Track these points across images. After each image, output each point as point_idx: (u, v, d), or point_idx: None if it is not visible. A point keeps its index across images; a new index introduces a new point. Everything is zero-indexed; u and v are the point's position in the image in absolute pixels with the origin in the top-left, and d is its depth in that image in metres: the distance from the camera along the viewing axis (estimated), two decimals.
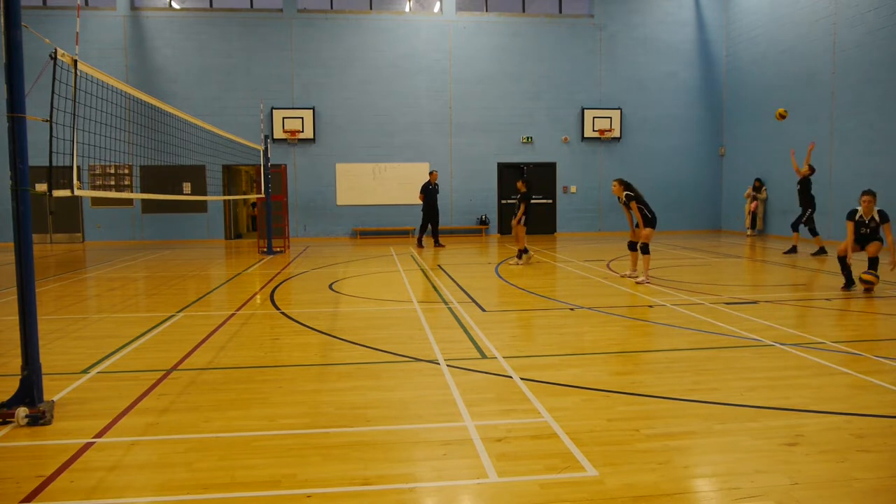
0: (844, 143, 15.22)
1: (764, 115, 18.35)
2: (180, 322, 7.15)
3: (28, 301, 4.10)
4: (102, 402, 4.39)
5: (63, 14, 18.20)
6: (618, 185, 10.07)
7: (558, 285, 9.82)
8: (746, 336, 6.07)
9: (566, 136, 20.07)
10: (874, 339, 6.01)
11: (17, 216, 4.06)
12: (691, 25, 20.34)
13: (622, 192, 9.97)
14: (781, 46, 17.42)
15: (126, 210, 18.92)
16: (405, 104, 19.50)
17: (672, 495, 2.99)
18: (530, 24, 19.83)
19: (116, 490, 3.11)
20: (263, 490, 3.08)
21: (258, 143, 16.47)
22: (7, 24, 3.95)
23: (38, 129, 9.27)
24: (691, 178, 20.62)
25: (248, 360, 5.49)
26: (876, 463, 3.31)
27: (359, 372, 5.08)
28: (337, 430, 3.85)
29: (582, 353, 5.57)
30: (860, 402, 4.22)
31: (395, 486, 3.11)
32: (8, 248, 16.47)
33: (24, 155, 4.06)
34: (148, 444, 3.66)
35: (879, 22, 14.14)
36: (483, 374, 4.94)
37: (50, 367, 5.07)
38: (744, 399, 4.30)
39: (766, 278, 10.40)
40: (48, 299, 8.81)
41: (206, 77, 18.84)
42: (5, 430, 3.88)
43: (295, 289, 9.64)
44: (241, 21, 18.91)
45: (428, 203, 16.63)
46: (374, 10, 19.54)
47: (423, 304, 8.07)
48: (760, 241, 16.99)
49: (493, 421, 3.93)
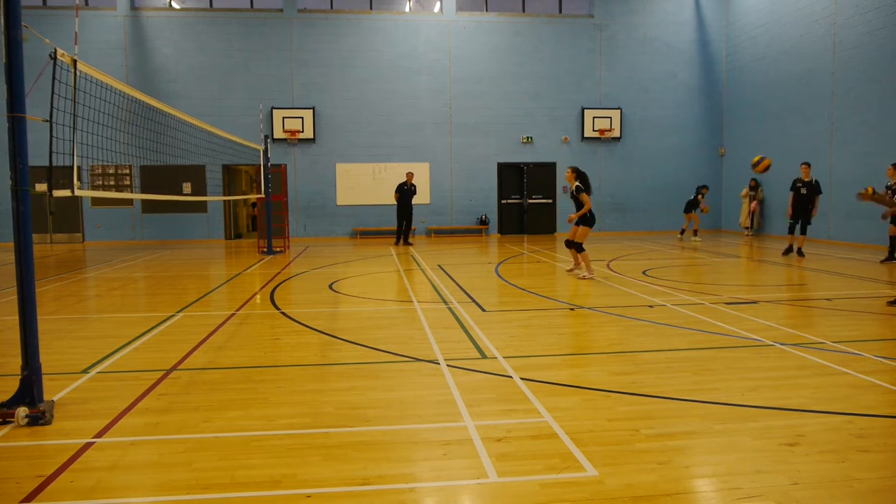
0: (844, 143, 15.21)
1: (764, 115, 18.36)
2: (180, 322, 7.15)
3: (28, 301, 4.10)
4: (102, 402, 4.39)
5: (63, 14, 18.20)
6: (571, 173, 9.93)
7: (558, 285, 9.82)
8: (746, 336, 6.07)
9: (566, 136, 20.07)
10: (874, 339, 6.01)
11: (17, 216, 4.06)
12: (691, 25, 20.34)
13: (574, 182, 9.86)
14: (781, 46, 17.42)
15: (126, 210, 18.92)
16: (405, 104, 19.50)
17: (672, 495, 2.99)
18: (530, 24, 19.83)
19: (116, 490, 3.11)
20: (263, 490, 3.08)
21: (258, 143, 16.46)
22: (7, 24, 3.95)
23: (38, 129, 9.27)
24: (691, 178, 20.61)
25: (247, 360, 5.49)
26: (876, 463, 3.31)
27: (359, 372, 5.08)
28: (337, 430, 3.85)
29: (582, 353, 5.57)
30: (860, 402, 4.22)
31: (395, 486, 3.11)
32: (8, 248, 16.47)
33: (24, 155, 4.06)
34: (148, 444, 3.66)
35: (879, 22, 14.13)
36: (483, 374, 4.93)
37: (50, 367, 5.07)
38: (744, 399, 4.30)
39: (765, 278, 10.40)
40: (48, 299, 8.81)
41: (206, 77, 18.84)
42: (5, 430, 3.88)
43: (295, 289, 9.63)
44: (241, 21, 18.91)
45: (403, 203, 17.07)
46: (374, 10, 19.54)
47: (423, 304, 8.07)
48: (759, 240, 16.99)
49: (493, 421, 3.92)
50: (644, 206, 20.56)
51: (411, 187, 17.22)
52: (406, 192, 17.13)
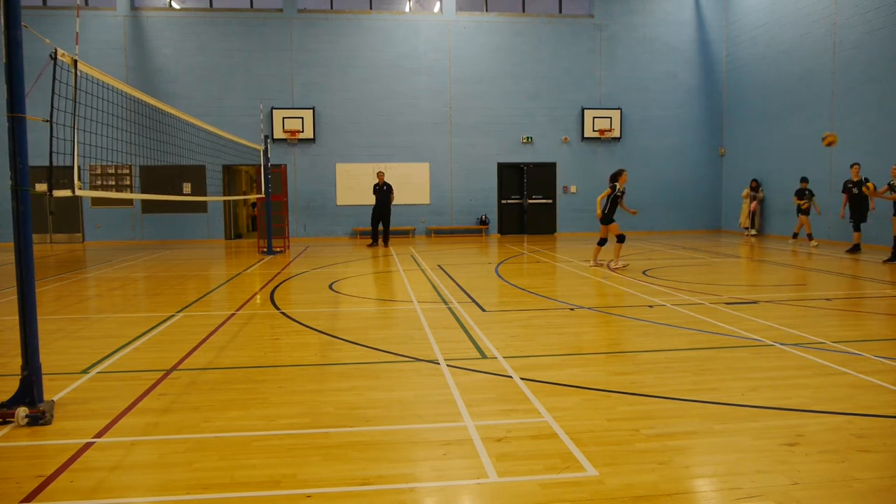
0: (844, 143, 15.20)
1: (764, 115, 18.36)
2: (180, 322, 7.15)
3: (28, 301, 4.10)
4: (102, 402, 4.39)
5: (63, 14, 18.20)
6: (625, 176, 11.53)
7: (558, 285, 9.82)
8: (746, 336, 6.07)
9: (566, 136, 20.07)
10: (874, 339, 6.01)
11: (17, 216, 4.06)
12: (691, 25, 20.34)
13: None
14: (781, 46, 17.42)
15: (126, 210, 18.92)
16: (405, 104, 19.50)
17: (672, 495, 2.99)
18: (530, 24, 19.83)
19: (116, 490, 3.11)
20: (263, 490, 3.08)
21: (258, 143, 16.47)
22: (7, 24, 3.95)
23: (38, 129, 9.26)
24: (691, 178, 20.63)
25: (248, 360, 5.49)
26: (876, 463, 3.31)
27: (359, 372, 5.08)
28: (337, 430, 3.85)
29: (582, 353, 5.57)
30: (860, 402, 4.22)
31: (395, 486, 3.11)
32: (8, 248, 16.47)
33: (24, 155, 4.06)
34: (148, 444, 3.66)
35: (879, 22, 14.14)
36: (483, 374, 4.93)
37: (50, 367, 5.07)
38: (744, 399, 4.30)
39: (765, 278, 10.40)
40: (48, 299, 8.81)
41: (206, 77, 18.84)
42: (5, 430, 3.88)
43: (295, 289, 9.63)
44: (241, 21, 18.91)
45: (379, 203, 16.84)
46: (374, 10, 19.54)
47: (423, 304, 8.07)
48: (759, 240, 16.99)
49: (493, 421, 3.92)
50: (644, 206, 20.52)
51: (383, 186, 16.84)
52: (379, 192, 16.81)
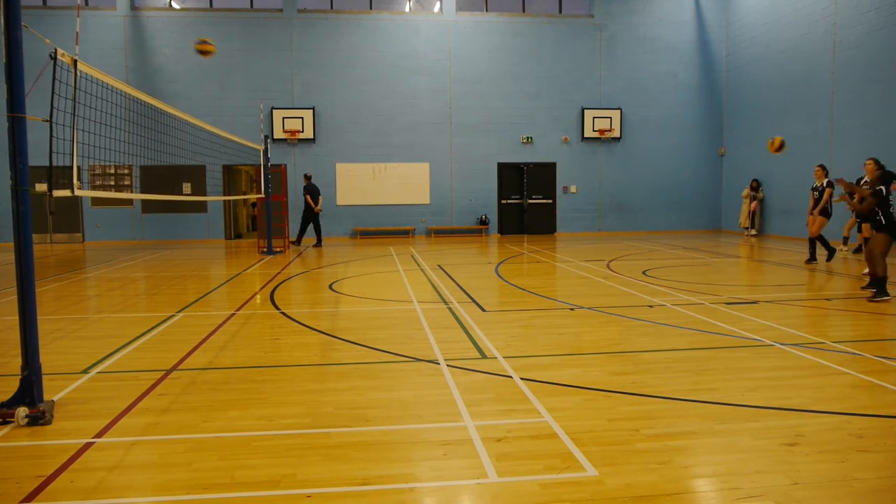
0: (844, 143, 15.21)
1: (764, 115, 18.35)
2: (180, 322, 7.15)
3: (28, 301, 4.10)
4: (102, 402, 4.39)
5: (63, 14, 18.20)
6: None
7: (558, 285, 9.82)
8: (746, 336, 6.07)
9: (566, 136, 20.07)
10: (874, 339, 6.01)
11: (17, 216, 4.06)
12: (691, 25, 20.34)
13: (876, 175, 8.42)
14: (781, 46, 17.42)
15: (126, 210, 18.92)
16: (405, 104, 19.50)
17: (672, 495, 2.99)
18: (530, 24, 19.83)
19: (116, 490, 3.11)
20: (263, 490, 3.08)
21: (258, 143, 16.47)
22: (7, 24, 3.95)
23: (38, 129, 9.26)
24: (691, 178, 20.63)
25: (248, 360, 5.49)
26: (876, 463, 3.31)
27: (358, 372, 5.08)
28: (337, 430, 3.85)
29: (582, 353, 5.57)
30: (860, 402, 4.22)
31: (395, 486, 3.11)
32: (8, 248, 16.47)
33: (24, 155, 4.06)
34: (148, 444, 3.66)
35: (879, 22, 14.13)
36: (483, 374, 4.93)
37: (50, 367, 5.07)
38: (744, 399, 4.30)
39: (765, 278, 10.39)
40: (48, 299, 8.81)
41: (206, 77, 18.84)
42: (5, 430, 3.88)
43: (295, 289, 9.63)
44: (241, 21, 18.91)
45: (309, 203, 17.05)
46: (374, 10, 19.54)
47: (423, 304, 8.07)
48: (759, 240, 16.99)
49: (493, 421, 3.92)
50: (644, 206, 20.57)
51: (308, 186, 17.05)
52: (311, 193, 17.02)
